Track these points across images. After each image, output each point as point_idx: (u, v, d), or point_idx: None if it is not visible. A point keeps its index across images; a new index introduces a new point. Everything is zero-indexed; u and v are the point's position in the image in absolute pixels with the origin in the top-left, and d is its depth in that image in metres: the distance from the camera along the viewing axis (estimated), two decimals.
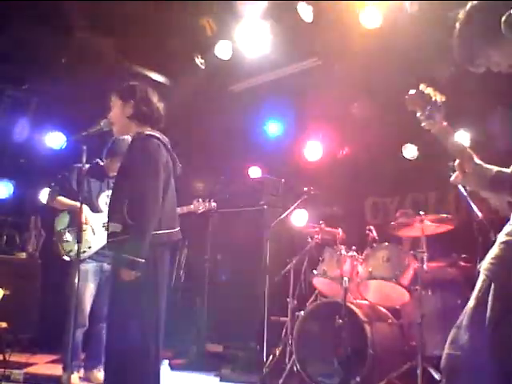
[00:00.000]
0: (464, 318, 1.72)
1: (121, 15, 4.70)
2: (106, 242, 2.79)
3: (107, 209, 2.86)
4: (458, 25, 1.84)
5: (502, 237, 1.73)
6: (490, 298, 1.65)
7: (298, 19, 4.62)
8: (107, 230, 2.75)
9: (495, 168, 1.79)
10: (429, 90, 1.95)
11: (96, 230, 3.92)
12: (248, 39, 5.04)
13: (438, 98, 1.94)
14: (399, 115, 2.02)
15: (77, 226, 3.72)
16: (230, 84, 6.18)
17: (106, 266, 3.88)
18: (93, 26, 4.89)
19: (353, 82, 5.07)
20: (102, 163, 4.08)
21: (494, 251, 1.72)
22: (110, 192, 3.81)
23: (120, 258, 2.55)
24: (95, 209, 3.96)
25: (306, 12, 4.57)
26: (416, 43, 4.53)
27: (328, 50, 5.23)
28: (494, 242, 1.77)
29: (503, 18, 1.52)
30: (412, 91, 1.98)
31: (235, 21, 4.97)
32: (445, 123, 1.94)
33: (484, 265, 1.73)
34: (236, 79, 6.04)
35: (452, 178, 1.90)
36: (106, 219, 2.80)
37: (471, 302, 1.73)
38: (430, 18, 4.44)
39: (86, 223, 3.87)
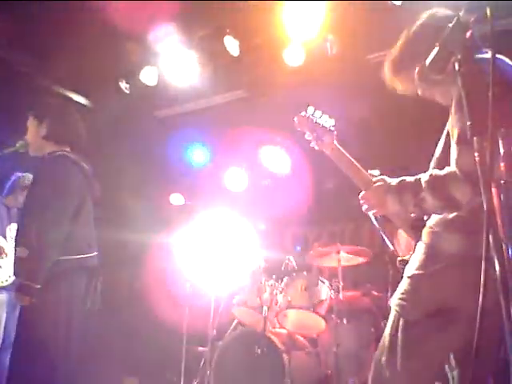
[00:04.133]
0: (382, 354, 1.73)
1: (43, 35, 4.56)
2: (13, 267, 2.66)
3: (15, 234, 2.74)
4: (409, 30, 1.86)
5: (408, 270, 1.76)
6: (399, 334, 1.68)
7: (225, 51, 4.72)
8: (14, 255, 2.61)
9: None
10: (318, 113, 2.06)
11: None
12: (174, 67, 5.07)
13: (328, 121, 2.05)
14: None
15: None
16: (154, 110, 6.16)
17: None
18: (12, 44, 4.70)
19: (276, 115, 5.22)
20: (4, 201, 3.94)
21: (403, 286, 1.75)
22: (15, 224, 3.82)
23: (17, 282, 2.45)
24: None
25: (232, 46, 4.68)
26: (336, 83, 4.79)
27: (254, 84, 5.37)
28: (403, 275, 1.80)
29: (427, 61, 1.62)
30: (302, 113, 2.08)
31: (162, 48, 4.99)
32: (337, 146, 2.04)
33: (394, 300, 1.76)
34: (161, 105, 6.03)
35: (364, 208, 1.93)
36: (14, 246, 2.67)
37: (386, 339, 1.75)
38: (349, 60, 4.73)
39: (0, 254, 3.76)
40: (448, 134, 1.75)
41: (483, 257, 1.11)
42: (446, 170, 1.64)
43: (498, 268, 1.10)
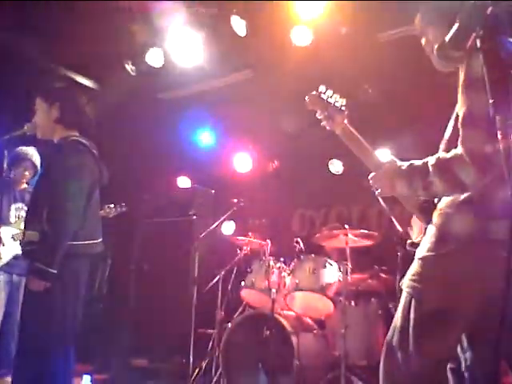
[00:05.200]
0: (394, 335, 1.74)
1: (48, 17, 4.52)
2: (21, 250, 2.68)
3: (24, 216, 2.75)
4: None
5: (419, 252, 1.77)
6: (411, 315, 1.69)
7: (231, 32, 4.66)
8: (23, 238, 2.62)
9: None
10: (329, 93, 2.02)
11: (6, 241, 3.78)
12: (180, 48, 5.02)
13: (339, 100, 2.02)
14: (326, 130, 2.09)
15: None
16: (160, 92, 6.12)
17: (16, 278, 3.77)
18: (18, 28, 4.65)
19: (284, 96, 5.18)
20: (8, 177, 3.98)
21: (414, 267, 1.76)
22: (19, 204, 3.79)
23: (32, 266, 2.44)
24: (5, 221, 3.84)
25: (239, 26, 4.62)
26: (343, 62, 4.72)
27: (260, 64, 5.32)
28: (413, 257, 1.80)
29: (436, 45, 1.57)
30: (313, 92, 2.05)
31: (168, 29, 4.93)
32: (347, 125, 2.01)
33: (405, 282, 1.77)
34: (167, 87, 5.99)
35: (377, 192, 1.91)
36: (23, 228, 2.67)
37: (398, 320, 1.75)
38: (358, 39, 4.66)
39: None
40: (457, 116, 1.73)
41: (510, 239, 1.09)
42: (452, 152, 1.64)
43: None
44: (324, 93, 2.02)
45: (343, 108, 2.01)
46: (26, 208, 3.78)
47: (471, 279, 1.62)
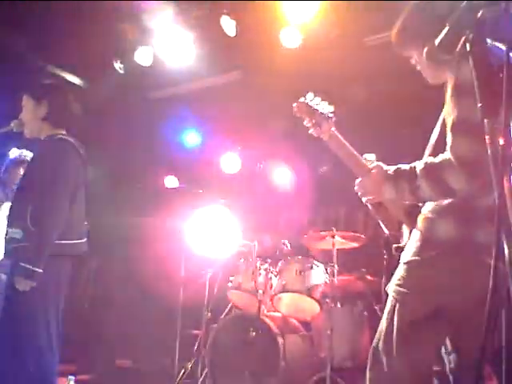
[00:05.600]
0: (379, 340, 1.75)
1: (37, 15, 4.47)
2: (4, 248, 2.64)
3: (8, 214, 2.70)
4: (404, 13, 1.83)
5: (404, 257, 1.77)
6: (396, 319, 1.70)
7: (221, 32, 4.65)
8: (6, 235, 2.59)
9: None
10: (317, 100, 2.02)
11: None
12: (170, 48, 5.00)
13: (326, 107, 2.02)
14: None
15: None
16: (149, 91, 6.08)
17: (3, 276, 3.72)
18: (6, 24, 4.59)
19: (272, 97, 5.18)
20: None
21: (399, 272, 1.76)
22: (10, 203, 3.78)
23: (17, 266, 2.40)
24: None
25: (229, 26, 4.61)
26: (332, 65, 4.74)
27: (250, 65, 5.31)
28: (399, 260, 1.81)
29: (437, 40, 1.58)
30: (301, 99, 2.05)
31: (157, 28, 4.90)
32: (335, 132, 2.01)
33: (391, 286, 1.77)
34: (156, 86, 5.96)
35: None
36: (6, 226, 2.63)
37: (383, 325, 1.76)
38: (346, 42, 4.68)
39: None
40: (444, 120, 1.73)
41: (495, 244, 1.10)
42: (441, 157, 1.63)
43: (507, 252, 1.09)
44: (312, 100, 2.02)
45: (331, 115, 2.01)
46: None
47: (456, 284, 1.63)
